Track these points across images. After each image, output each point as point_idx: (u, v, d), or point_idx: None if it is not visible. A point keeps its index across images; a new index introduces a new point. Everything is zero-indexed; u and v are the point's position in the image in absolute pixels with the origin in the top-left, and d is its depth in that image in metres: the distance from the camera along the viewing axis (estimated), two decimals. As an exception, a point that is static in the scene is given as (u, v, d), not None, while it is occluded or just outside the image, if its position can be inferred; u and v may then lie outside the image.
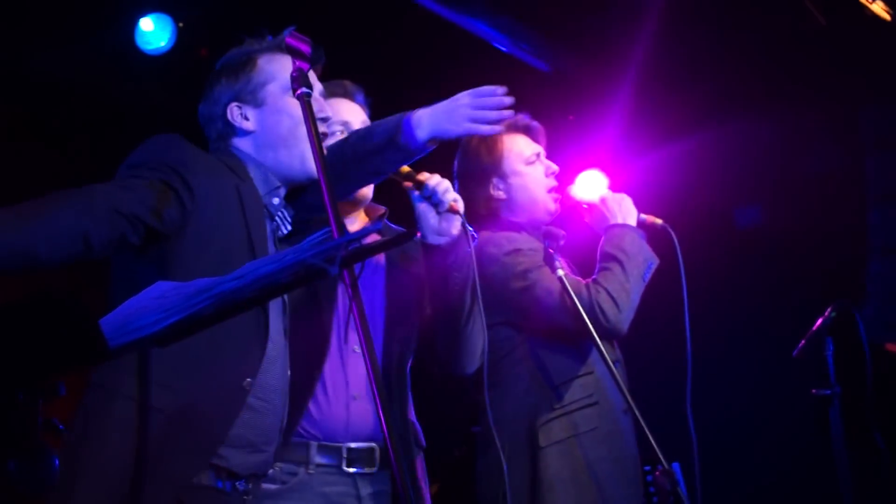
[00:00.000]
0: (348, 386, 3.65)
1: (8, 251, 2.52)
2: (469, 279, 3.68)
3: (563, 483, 4.23)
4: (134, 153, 3.16)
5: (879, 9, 6.86)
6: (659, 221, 4.60)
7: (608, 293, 4.25)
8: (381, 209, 4.01)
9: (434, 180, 3.62)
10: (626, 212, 4.54)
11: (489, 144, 4.62)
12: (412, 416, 3.87)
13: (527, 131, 4.67)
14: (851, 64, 7.50)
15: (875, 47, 7.25)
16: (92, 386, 2.95)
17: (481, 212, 4.66)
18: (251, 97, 3.37)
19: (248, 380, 3.03)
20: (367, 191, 3.87)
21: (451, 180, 4.69)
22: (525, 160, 4.61)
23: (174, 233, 3.01)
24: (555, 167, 4.66)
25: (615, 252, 4.38)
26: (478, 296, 3.71)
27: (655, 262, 4.45)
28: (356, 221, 3.91)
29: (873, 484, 5.94)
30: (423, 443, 3.87)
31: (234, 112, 3.37)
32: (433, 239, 3.64)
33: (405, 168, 3.60)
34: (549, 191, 4.61)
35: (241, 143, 3.38)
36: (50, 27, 6.48)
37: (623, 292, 4.28)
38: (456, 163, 4.72)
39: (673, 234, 4.56)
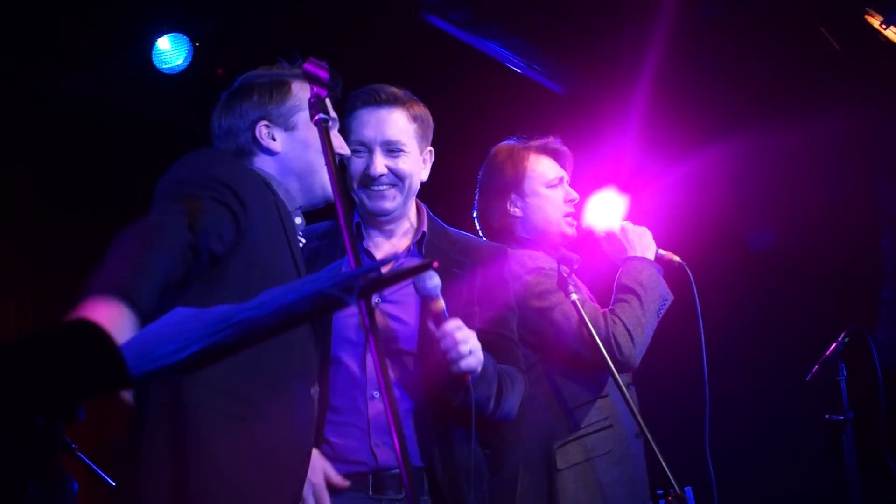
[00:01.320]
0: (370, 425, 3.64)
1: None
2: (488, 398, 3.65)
3: (579, 505, 4.22)
4: (177, 168, 3.17)
5: (893, 35, 6.89)
6: (677, 259, 4.59)
7: (625, 326, 4.25)
8: (424, 219, 3.92)
9: (447, 342, 3.46)
10: (645, 245, 4.53)
11: (515, 161, 4.63)
12: (477, 451, 3.76)
13: (554, 155, 4.67)
14: (865, 89, 7.51)
15: (889, 72, 7.26)
16: (162, 405, 2.95)
17: (494, 225, 4.67)
18: (282, 120, 3.38)
19: (315, 389, 3.06)
20: (390, 205, 3.82)
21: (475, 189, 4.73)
22: (546, 182, 4.61)
23: (228, 252, 3.01)
24: (575, 195, 4.65)
25: (633, 285, 4.37)
26: (502, 380, 3.69)
27: (670, 298, 4.44)
28: (395, 234, 3.91)
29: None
30: (488, 475, 3.84)
31: (262, 131, 3.37)
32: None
33: (441, 303, 3.47)
34: (566, 216, 4.60)
35: (264, 163, 3.39)
36: (70, 46, 6.51)
37: (639, 326, 4.28)
38: (480, 172, 4.72)
39: (689, 271, 4.55)
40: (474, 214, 4.71)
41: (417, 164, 3.88)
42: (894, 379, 7.08)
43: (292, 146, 3.38)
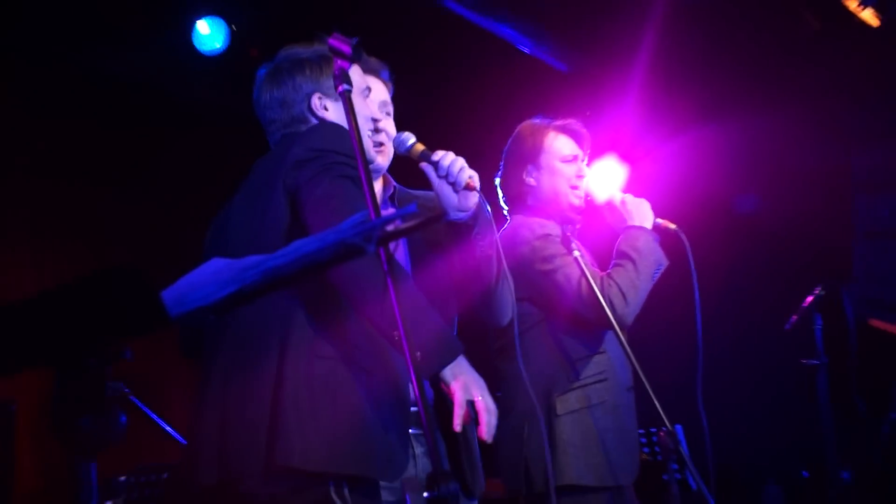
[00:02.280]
0: None
1: None
2: (494, 245, 3.66)
3: (575, 448, 4.26)
4: (321, 137, 3.23)
5: (869, 16, 6.85)
6: (673, 226, 4.58)
7: (619, 287, 4.27)
8: (391, 181, 3.94)
9: (448, 159, 3.53)
10: (643, 215, 4.53)
11: (535, 135, 4.63)
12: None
13: (573, 135, 4.66)
14: (841, 65, 7.49)
15: (863, 50, 7.24)
16: (322, 358, 3.03)
17: (511, 192, 4.68)
18: (332, 91, 3.41)
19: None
20: (383, 161, 3.85)
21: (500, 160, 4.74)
22: (561, 157, 4.60)
23: None
24: (587, 171, 4.66)
25: (629, 251, 4.38)
26: (503, 259, 3.70)
27: (665, 263, 4.45)
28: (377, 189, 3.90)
29: (854, 443, 5.97)
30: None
31: (315, 102, 3.43)
32: (454, 215, 3.56)
33: (420, 147, 3.57)
34: (573, 188, 4.60)
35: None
36: (115, 29, 6.52)
37: (633, 288, 4.29)
38: (507, 144, 4.73)
39: (684, 238, 4.55)
40: (496, 182, 4.72)
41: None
42: (864, 328, 7.13)
43: (340, 114, 3.40)
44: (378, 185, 3.91)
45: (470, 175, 3.51)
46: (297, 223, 3.07)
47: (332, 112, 3.43)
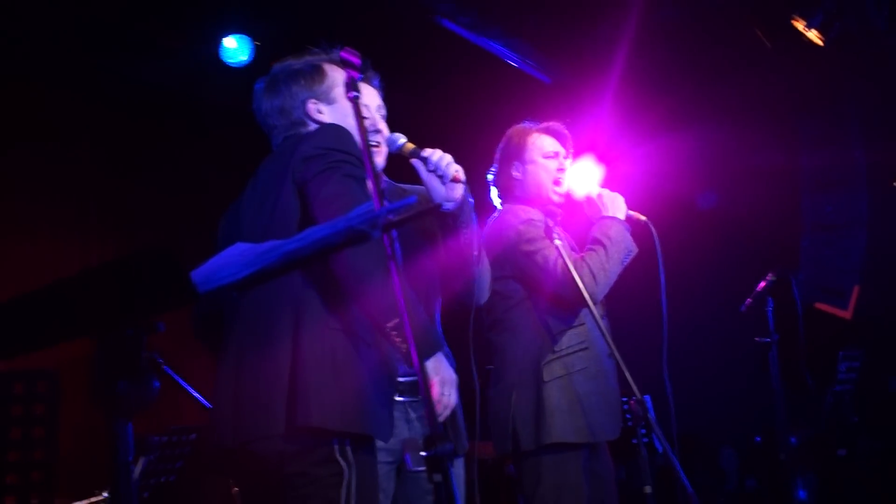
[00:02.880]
0: None
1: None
2: (475, 232, 3.66)
3: (561, 411, 4.26)
4: (327, 136, 3.18)
5: (814, 36, 6.87)
6: (643, 218, 4.59)
7: (590, 269, 4.28)
8: (383, 177, 3.87)
9: (436, 156, 3.53)
10: (617, 207, 4.53)
11: (522, 135, 4.64)
12: (445, 347, 3.79)
13: (555, 135, 4.66)
14: (791, 78, 7.52)
15: (809, 65, 7.26)
16: (334, 330, 3.01)
17: (501, 186, 4.69)
18: (325, 96, 3.39)
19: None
20: (380, 160, 3.83)
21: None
22: (543, 153, 4.61)
23: None
24: (567, 166, 4.67)
25: (602, 238, 4.39)
26: (482, 244, 3.71)
27: (634, 251, 4.46)
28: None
29: (802, 412, 5.99)
30: (453, 364, 3.85)
31: (311, 107, 3.39)
32: (444, 206, 3.57)
33: (410, 145, 3.56)
34: (555, 182, 4.61)
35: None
36: (150, 42, 6.51)
37: (602, 270, 4.30)
38: (500, 144, 4.73)
39: (653, 228, 4.56)
40: (489, 178, 4.72)
41: None
42: (811, 311, 7.15)
43: (335, 116, 3.38)
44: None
45: (456, 169, 3.52)
46: (306, 214, 3.05)
47: (327, 115, 3.40)
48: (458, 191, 3.55)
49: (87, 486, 4.88)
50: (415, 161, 3.57)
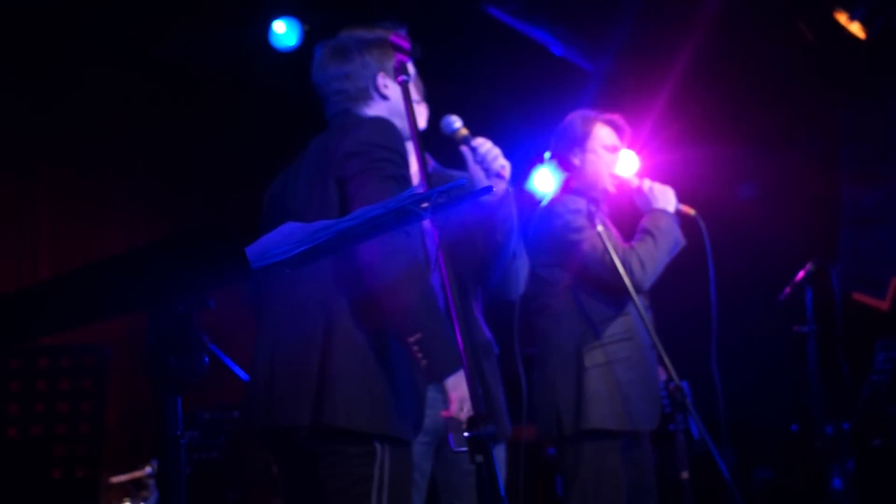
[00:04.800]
0: None
1: None
2: (513, 228, 3.62)
3: (600, 398, 4.29)
4: (370, 132, 3.14)
5: (856, 29, 6.81)
6: (692, 212, 4.60)
7: (639, 257, 4.31)
8: (430, 161, 3.86)
9: (485, 147, 3.49)
10: (667, 200, 4.54)
11: (585, 123, 4.64)
12: (486, 331, 3.79)
13: (616, 128, 4.66)
14: (833, 71, 7.47)
15: (851, 59, 7.21)
16: (366, 326, 3.00)
17: (558, 170, 4.67)
18: (391, 73, 3.33)
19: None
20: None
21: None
22: (605, 145, 4.61)
23: None
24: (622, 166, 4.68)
25: (652, 229, 4.42)
26: (519, 241, 3.68)
27: (682, 243, 4.48)
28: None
29: (838, 400, 5.94)
30: (496, 350, 3.84)
31: (380, 81, 3.35)
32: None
33: (463, 131, 3.52)
34: (611, 175, 4.60)
35: (379, 106, 3.36)
36: (203, 26, 6.52)
37: (651, 259, 4.32)
38: (557, 128, 4.72)
39: (701, 222, 4.55)
40: (545, 157, 4.71)
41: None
42: (849, 301, 7.09)
43: (397, 95, 3.32)
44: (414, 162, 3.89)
45: (502, 165, 3.48)
46: (346, 212, 3.00)
47: (392, 91, 3.37)
48: (501, 186, 3.51)
49: (131, 460, 4.92)
50: (464, 148, 3.53)
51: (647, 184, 4.59)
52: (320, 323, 2.99)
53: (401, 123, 3.31)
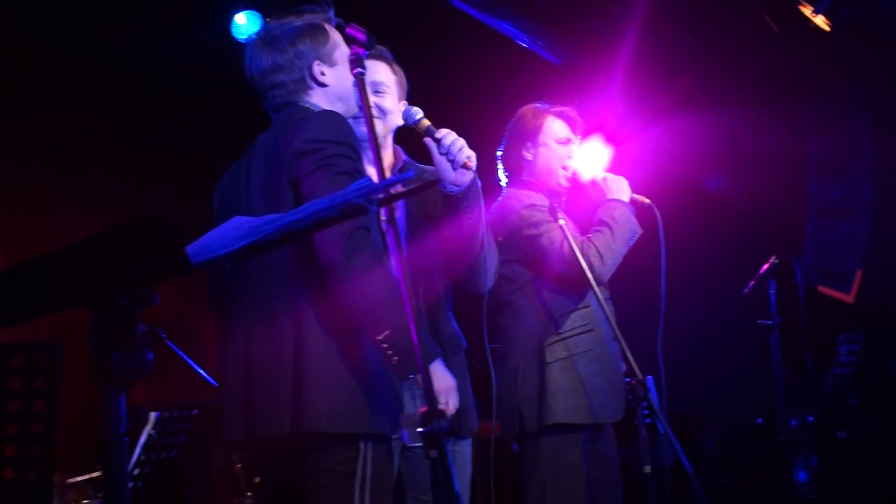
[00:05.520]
0: None
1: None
2: (480, 219, 3.60)
3: (563, 392, 4.26)
4: (320, 127, 3.09)
5: (821, 22, 6.84)
6: (647, 201, 4.58)
7: (597, 249, 4.28)
8: (402, 155, 3.91)
9: (450, 138, 3.46)
10: (621, 190, 4.52)
11: (536, 117, 4.61)
12: (455, 326, 3.82)
13: (568, 121, 4.64)
14: (798, 64, 7.49)
15: (817, 52, 7.24)
16: (338, 325, 2.98)
17: (509, 166, 4.66)
18: (328, 58, 3.30)
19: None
20: (389, 139, 3.82)
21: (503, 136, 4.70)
22: (557, 139, 4.58)
23: None
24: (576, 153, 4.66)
25: (607, 220, 4.39)
26: (488, 231, 3.67)
27: (639, 232, 4.45)
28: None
29: (802, 393, 5.98)
30: (465, 344, 3.83)
31: (316, 68, 3.30)
32: (450, 188, 3.51)
33: (425, 122, 3.51)
34: (564, 168, 4.58)
35: (317, 95, 3.31)
36: (163, 17, 6.47)
37: (609, 250, 4.30)
38: (509, 123, 4.70)
39: (657, 210, 4.54)
40: (498, 154, 4.68)
41: (396, 107, 3.82)
42: (813, 294, 7.13)
43: (337, 78, 3.32)
44: (387, 158, 3.86)
45: (468, 155, 3.46)
46: None
47: (330, 77, 3.32)
48: (467, 177, 3.50)
49: (90, 461, 4.87)
50: (428, 140, 3.51)
51: (600, 175, 4.57)
52: (290, 329, 2.97)
53: (343, 107, 3.30)
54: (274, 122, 3.33)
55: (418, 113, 3.53)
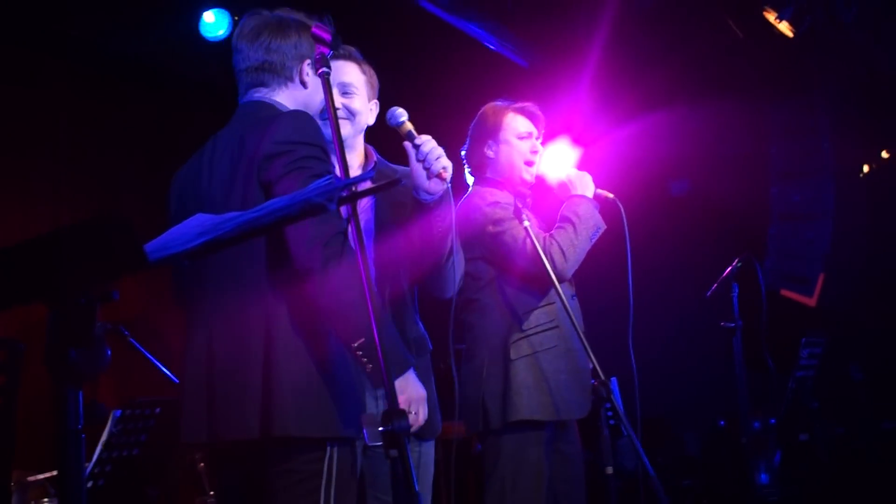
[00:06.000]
0: None
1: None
2: (450, 229, 3.59)
3: (528, 389, 4.26)
4: (290, 128, 3.03)
5: (785, 28, 6.89)
6: (610, 196, 4.58)
7: (559, 246, 4.27)
8: (374, 155, 3.89)
9: (428, 146, 3.42)
10: (585, 186, 4.52)
11: (496, 114, 4.60)
12: (420, 328, 3.81)
13: (529, 116, 4.63)
14: (762, 69, 7.54)
15: (780, 57, 7.29)
16: (307, 329, 2.97)
17: (473, 164, 4.66)
18: (314, 63, 3.22)
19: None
20: (359, 139, 3.82)
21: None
22: (518, 134, 4.57)
23: None
24: (540, 150, 4.64)
25: (570, 215, 4.38)
26: (456, 240, 3.66)
27: (602, 227, 4.44)
28: (352, 166, 3.82)
29: (764, 396, 6.01)
30: (430, 346, 3.84)
31: (306, 68, 3.25)
32: (422, 195, 3.48)
33: (408, 125, 3.49)
34: (527, 163, 4.58)
35: (297, 93, 3.28)
36: (131, 14, 6.44)
37: (571, 247, 4.29)
38: (472, 122, 4.70)
39: (620, 205, 4.54)
40: (462, 154, 4.68)
41: (366, 108, 3.81)
42: (775, 297, 7.18)
43: (315, 86, 3.27)
44: (358, 158, 3.85)
45: (444, 166, 3.44)
46: None
47: (311, 82, 3.28)
48: (440, 187, 3.47)
49: (50, 459, 4.83)
50: (407, 144, 3.49)
51: (563, 172, 4.59)
52: (259, 331, 2.94)
53: (314, 111, 3.27)
54: (238, 115, 3.27)
55: (403, 115, 3.49)
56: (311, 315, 2.95)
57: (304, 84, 3.28)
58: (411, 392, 3.16)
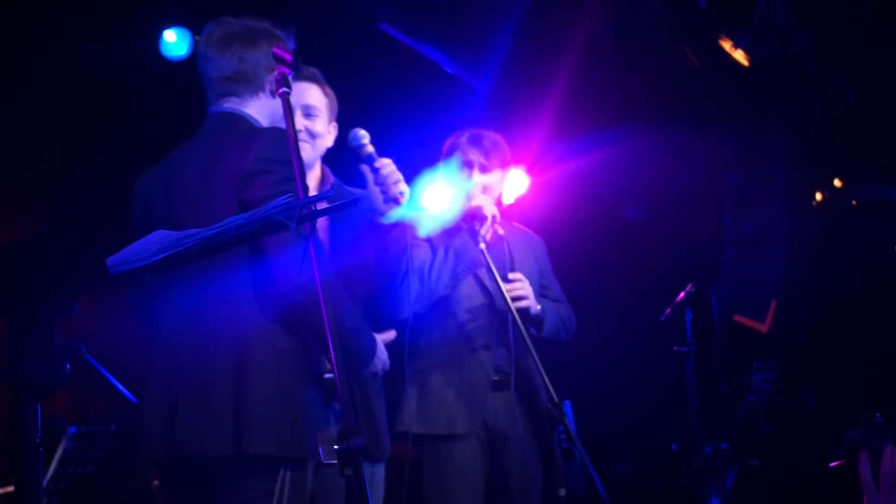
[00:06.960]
0: None
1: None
2: (404, 251, 3.61)
3: (413, 404, 4.34)
4: (272, 146, 3.04)
5: (740, 56, 6.97)
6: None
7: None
8: (330, 176, 3.89)
9: (387, 170, 3.46)
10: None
11: (449, 142, 4.65)
12: None
13: (476, 145, 4.63)
14: (717, 97, 7.62)
15: (735, 85, 7.37)
16: (278, 351, 2.99)
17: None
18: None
19: None
20: (315, 161, 3.83)
21: None
22: (460, 162, 4.59)
23: None
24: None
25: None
26: (412, 262, 3.69)
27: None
28: (310, 187, 3.82)
29: (717, 420, 6.05)
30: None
31: (273, 80, 3.18)
32: (377, 217, 3.52)
33: (369, 147, 3.51)
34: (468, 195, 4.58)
35: (264, 105, 3.29)
36: (93, 36, 6.42)
37: (434, 271, 4.37)
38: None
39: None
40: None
41: (325, 130, 3.82)
42: (728, 323, 7.24)
43: (277, 105, 3.23)
44: (314, 179, 3.86)
45: (401, 192, 3.46)
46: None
47: (273, 100, 3.28)
48: (395, 211, 3.49)
49: (4, 475, 4.80)
50: (365, 168, 3.52)
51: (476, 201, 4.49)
52: (228, 347, 2.94)
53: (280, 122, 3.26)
54: (210, 125, 3.27)
55: (364, 137, 3.53)
56: (278, 334, 2.97)
57: (272, 94, 3.26)
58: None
